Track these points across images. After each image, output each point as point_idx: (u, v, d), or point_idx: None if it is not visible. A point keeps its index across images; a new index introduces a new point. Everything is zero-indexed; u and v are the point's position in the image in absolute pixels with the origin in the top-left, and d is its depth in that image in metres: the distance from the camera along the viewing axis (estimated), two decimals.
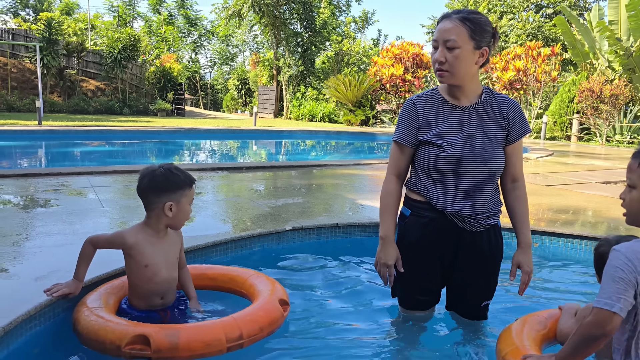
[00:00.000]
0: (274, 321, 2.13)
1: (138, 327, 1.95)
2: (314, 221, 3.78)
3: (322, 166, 7.40)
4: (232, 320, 2.02)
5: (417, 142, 2.13)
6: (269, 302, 2.19)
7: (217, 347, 1.93)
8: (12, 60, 22.46)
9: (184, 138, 14.62)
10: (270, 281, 2.44)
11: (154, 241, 2.25)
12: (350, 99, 22.10)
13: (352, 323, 2.49)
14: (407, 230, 2.19)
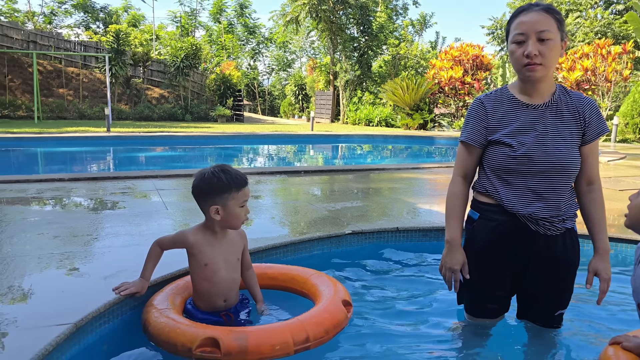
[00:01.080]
0: (338, 323, 2.10)
1: (208, 329, 1.97)
2: (373, 225, 3.73)
3: (380, 170, 7.32)
4: (299, 323, 2.00)
5: (485, 142, 2.04)
6: (333, 304, 2.17)
7: (284, 350, 1.92)
8: (83, 70, 23.72)
9: (243, 143, 14.91)
10: (332, 281, 2.41)
11: (213, 241, 2.28)
12: (407, 103, 21.83)
13: (414, 328, 2.43)
14: (475, 234, 2.11)
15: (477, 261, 2.10)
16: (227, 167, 2.27)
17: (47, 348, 1.78)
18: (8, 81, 21.65)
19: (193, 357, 1.92)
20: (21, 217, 3.80)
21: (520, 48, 1.90)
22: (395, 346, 2.23)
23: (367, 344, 2.25)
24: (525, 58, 1.88)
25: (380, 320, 2.48)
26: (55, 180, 5.59)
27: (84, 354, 2.01)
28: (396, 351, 2.19)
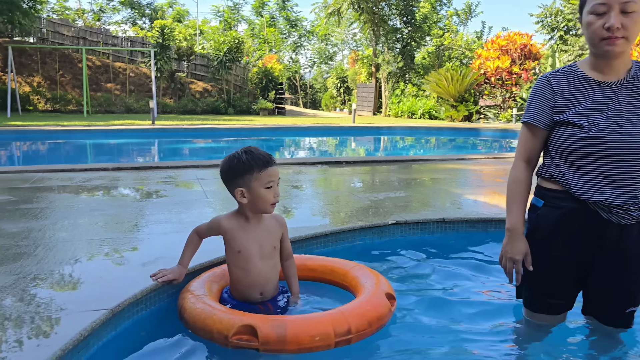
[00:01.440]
0: (381, 316, 1.99)
1: (245, 317, 1.90)
2: (418, 215, 3.58)
3: (423, 161, 7.12)
4: (340, 314, 1.90)
5: (551, 123, 1.87)
6: (377, 296, 2.05)
7: (325, 341, 1.82)
8: (130, 65, 24.30)
9: (284, 135, 14.91)
10: (374, 274, 2.29)
11: (247, 227, 2.20)
12: (452, 94, 21.33)
13: (462, 325, 2.27)
14: (539, 222, 1.94)
15: (540, 252, 1.93)
16: (251, 148, 2.17)
17: (82, 333, 1.74)
18: (59, 76, 22.41)
19: (229, 345, 1.85)
20: (66, 205, 3.85)
21: (599, 20, 1.71)
22: (441, 343, 2.09)
23: (411, 339, 2.12)
24: (606, 31, 1.70)
25: (425, 316, 2.34)
26: (99, 169, 5.68)
27: (120, 340, 1.97)
28: (442, 349, 2.05)
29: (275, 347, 1.81)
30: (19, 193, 4.31)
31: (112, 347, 1.92)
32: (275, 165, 2.17)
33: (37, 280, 2.22)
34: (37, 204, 3.86)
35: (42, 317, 1.87)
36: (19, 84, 20.66)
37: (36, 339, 1.70)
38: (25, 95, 20.55)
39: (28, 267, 2.38)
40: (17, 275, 2.28)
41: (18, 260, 2.48)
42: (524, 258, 1.94)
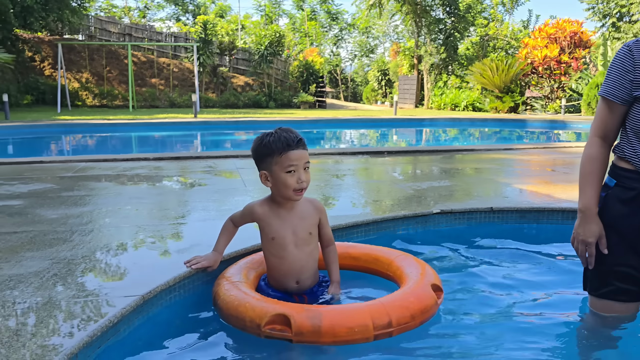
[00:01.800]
0: (426, 309, 1.84)
1: (279, 305, 1.79)
2: (464, 204, 3.39)
3: (468, 151, 6.86)
4: (381, 305, 1.77)
5: (630, 98, 1.69)
6: (421, 287, 1.90)
7: (363, 334, 1.70)
8: (174, 60, 24.71)
9: (324, 127, 14.80)
10: (420, 264, 2.14)
11: (280, 213, 2.08)
12: (497, 85, 20.68)
13: (513, 318, 2.10)
14: (607, 203, 1.78)
15: (609, 234, 1.77)
16: (280, 129, 2.05)
17: (111, 320, 1.67)
18: (106, 73, 23.01)
19: (262, 334, 1.75)
20: (105, 193, 3.85)
21: None
22: (490, 339, 1.92)
23: (457, 335, 1.96)
24: None
25: (473, 310, 2.18)
26: (141, 159, 5.71)
27: (152, 327, 1.90)
28: (491, 345, 1.88)
29: (310, 339, 1.70)
30: (61, 181, 4.36)
31: (143, 334, 1.85)
32: (299, 149, 2.00)
33: (70, 265, 2.19)
34: (78, 191, 3.88)
35: (72, 302, 1.81)
36: (69, 80, 21.32)
37: (64, 325, 1.64)
38: (74, 91, 21.20)
39: (63, 253, 2.35)
40: (51, 260, 2.25)
41: (54, 246, 2.46)
42: (598, 241, 1.79)
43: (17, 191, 3.89)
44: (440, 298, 1.98)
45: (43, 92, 20.42)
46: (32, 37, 22.19)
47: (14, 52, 18.42)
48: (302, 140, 2.03)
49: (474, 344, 1.88)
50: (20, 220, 2.98)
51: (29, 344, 1.51)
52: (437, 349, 1.85)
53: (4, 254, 2.34)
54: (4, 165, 5.32)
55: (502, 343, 1.89)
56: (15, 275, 2.06)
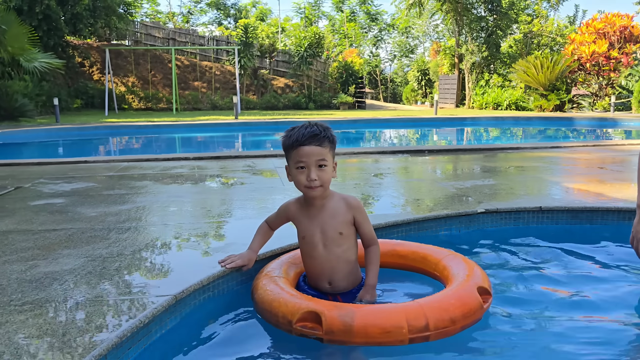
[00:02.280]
0: (469, 313, 1.71)
1: (312, 302, 1.71)
2: (510, 204, 3.22)
3: (512, 149, 6.61)
4: (418, 307, 1.66)
5: None
6: (465, 289, 1.78)
7: (396, 336, 1.59)
8: (215, 64, 25.09)
9: (363, 127, 14.68)
10: (469, 264, 2.01)
11: (310, 211, 2.00)
12: (541, 83, 20.02)
13: (565, 323, 1.95)
14: None
15: None
16: (305, 124, 1.93)
17: (142, 320, 1.63)
18: (151, 76, 23.58)
19: (293, 332, 1.68)
20: (144, 191, 3.87)
21: None
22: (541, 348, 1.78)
23: (503, 342, 1.82)
24: None
25: (522, 316, 2.03)
26: (181, 159, 5.76)
27: (184, 327, 1.85)
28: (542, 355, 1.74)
29: (341, 338, 1.62)
30: (103, 180, 4.42)
31: (175, 335, 1.80)
32: (310, 145, 1.87)
33: (104, 263, 2.17)
34: (118, 190, 3.91)
35: (103, 301, 1.78)
36: (115, 84, 21.95)
37: (93, 324, 1.60)
38: (121, 95, 21.81)
39: (98, 251, 2.34)
40: (86, 257, 2.24)
41: (90, 244, 2.45)
42: None
43: (60, 190, 3.96)
44: (487, 302, 1.84)
45: (92, 96, 21.10)
46: (81, 43, 22.97)
47: (64, 58, 19.12)
48: (317, 137, 1.87)
49: (522, 354, 1.75)
50: (60, 218, 3.01)
51: (57, 343, 1.48)
52: (479, 357, 1.73)
53: (42, 251, 2.35)
54: (51, 165, 5.45)
55: (553, 352, 1.75)
56: (50, 273, 2.05)
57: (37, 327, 1.58)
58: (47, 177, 4.63)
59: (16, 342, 1.48)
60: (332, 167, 1.93)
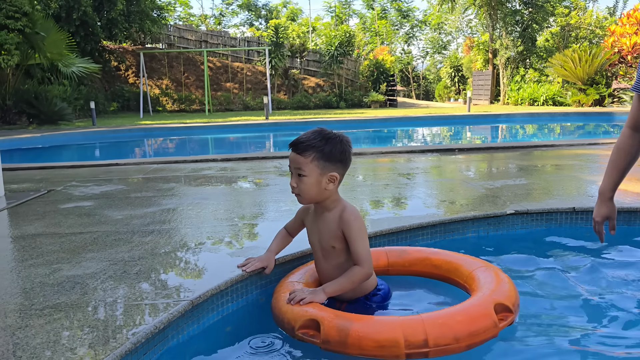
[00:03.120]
0: (478, 331, 1.61)
1: (315, 310, 1.69)
2: (542, 204, 3.10)
3: (547, 147, 6.41)
4: (419, 321, 1.58)
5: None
6: (478, 305, 1.68)
7: (392, 350, 1.54)
8: (247, 65, 25.31)
9: (394, 126, 14.53)
10: (497, 278, 1.89)
11: (314, 218, 1.99)
12: (580, 77, 19.40)
13: (603, 346, 1.81)
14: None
15: None
16: (312, 129, 1.94)
17: (156, 326, 1.62)
18: (184, 78, 23.96)
19: (296, 338, 1.68)
20: (171, 194, 3.90)
21: None
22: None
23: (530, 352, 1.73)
24: None
25: (551, 329, 1.91)
26: (209, 160, 5.80)
27: (203, 333, 1.84)
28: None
29: (336, 348, 1.60)
30: (131, 183, 4.48)
31: (192, 341, 1.79)
32: (292, 152, 1.86)
33: (125, 267, 2.18)
34: (145, 193, 3.95)
35: (120, 306, 1.78)
36: (150, 87, 22.39)
37: (108, 330, 1.60)
38: (155, 97, 22.23)
39: (121, 254, 2.36)
40: (108, 261, 2.26)
41: (114, 247, 2.47)
42: (608, 222, 2.10)
43: (90, 192, 4.03)
44: (506, 320, 1.72)
45: (127, 99, 21.59)
46: (117, 48, 23.51)
47: (101, 62, 19.64)
48: (301, 145, 1.83)
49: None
50: (87, 221, 3.05)
51: (74, 348, 1.48)
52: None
53: (67, 254, 2.38)
54: (83, 168, 5.58)
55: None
56: (72, 277, 2.07)
57: (55, 331, 1.59)
58: (79, 179, 4.73)
59: (34, 346, 1.49)
60: (315, 179, 1.83)
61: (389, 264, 2.24)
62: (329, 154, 1.84)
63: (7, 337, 1.56)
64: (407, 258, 2.24)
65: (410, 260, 2.23)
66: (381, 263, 2.23)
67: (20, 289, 1.97)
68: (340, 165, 1.88)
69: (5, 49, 12.72)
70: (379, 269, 2.21)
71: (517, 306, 1.80)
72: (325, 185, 1.85)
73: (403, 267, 2.23)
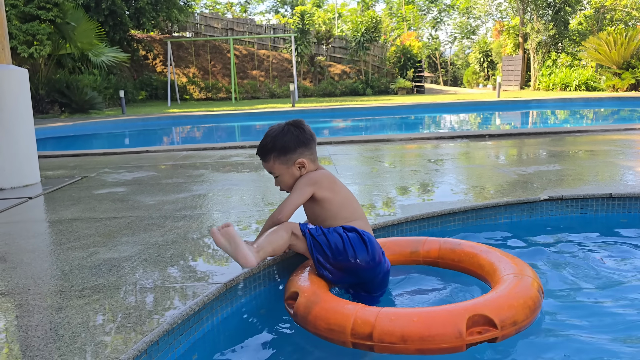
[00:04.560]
0: (432, 338, 1.49)
1: (301, 283, 1.82)
2: (577, 190, 3.03)
3: (581, 132, 6.25)
4: (373, 313, 1.55)
5: None
6: (445, 311, 1.56)
7: (339, 336, 1.56)
8: (273, 52, 25.31)
9: (422, 112, 14.37)
10: (512, 288, 1.68)
11: None
12: (614, 61, 18.82)
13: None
14: None
15: None
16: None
17: (192, 307, 1.64)
18: (211, 67, 24.12)
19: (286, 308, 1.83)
20: (201, 180, 3.94)
21: None
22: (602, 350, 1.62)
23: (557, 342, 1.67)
24: None
25: (582, 313, 1.87)
26: (237, 147, 5.84)
27: (234, 315, 1.86)
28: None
29: (300, 323, 1.71)
30: (162, 169, 4.55)
31: (225, 322, 1.81)
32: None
33: (160, 250, 2.21)
34: (176, 179, 4.01)
35: (156, 289, 1.81)
36: (177, 75, 22.61)
37: (145, 311, 1.63)
38: (182, 86, 22.46)
39: (154, 238, 2.40)
40: (143, 245, 2.30)
41: (147, 231, 2.52)
42: None
43: (122, 179, 4.11)
44: (482, 334, 1.52)
45: (156, 88, 21.86)
46: (145, 37, 23.78)
47: (129, 51, 19.92)
48: (260, 154, 2.04)
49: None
50: (121, 206, 3.11)
51: (111, 328, 1.52)
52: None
53: (103, 238, 2.43)
54: (115, 155, 5.68)
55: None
56: (108, 260, 2.12)
57: (94, 312, 1.63)
58: (111, 166, 4.82)
59: (74, 326, 1.53)
60: (287, 173, 1.99)
61: (439, 256, 2.12)
62: (284, 148, 1.97)
63: (48, 317, 1.61)
64: (459, 252, 2.08)
65: (460, 256, 2.07)
66: (432, 254, 2.13)
67: (60, 271, 2.02)
68: (302, 149, 1.99)
69: (37, 39, 12.99)
70: (429, 259, 2.13)
71: (512, 324, 1.55)
72: (298, 173, 2.00)
73: (453, 261, 2.09)
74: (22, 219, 2.94)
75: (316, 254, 1.84)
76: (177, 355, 1.57)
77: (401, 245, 2.18)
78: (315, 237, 1.86)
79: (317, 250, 1.84)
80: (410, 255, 2.16)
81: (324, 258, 1.84)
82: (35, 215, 3.07)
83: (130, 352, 1.36)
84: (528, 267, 1.84)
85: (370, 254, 1.86)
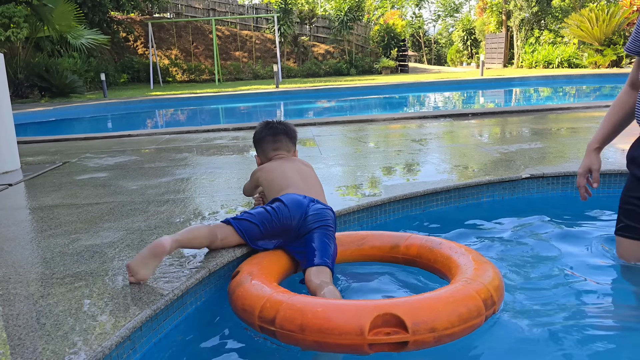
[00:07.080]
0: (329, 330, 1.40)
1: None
2: (558, 168, 3.07)
3: (563, 110, 6.30)
4: (282, 298, 1.52)
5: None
6: (351, 306, 1.47)
7: (249, 317, 1.56)
8: (255, 32, 25.00)
9: (406, 92, 14.35)
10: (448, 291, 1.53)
11: None
12: (596, 37, 18.92)
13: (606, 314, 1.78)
14: (634, 143, 1.97)
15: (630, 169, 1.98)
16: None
17: (175, 293, 1.64)
18: (193, 48, 23.76)
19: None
20: (184, 163, 3.91)
21: None
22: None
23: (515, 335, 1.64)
24: None
25: (564, 300, 1.90)
26: (220, 130, 5.79)
27: (220, 301, 1.86)
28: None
29: (231, 306, 1.73)
30: (144, 153, 4.50)
31: (210, 308, 1.82)
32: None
33: (142, 236, 2.20)
34: (159, 163, 3.97)
35: None
36: (159, 57, 22.25)
37: (129, 297, 1.63)
38: (165, 68, 22.12)
39: (137, 224, 2.38)
40: (126, 230, 2.28)
41: (130, 217, 2.50)
42: (592, 174, 2.06)
43: (104, 164, 4.06)
44: (391, 335, 1.38)
45: (137, 70, 21.51)
46: (125, 18, 23.30)
47: (109, 33, 19.48)
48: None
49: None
50: (103, 191, 3.08)
51: (95, 315, 1.51)
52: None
53: (85, 224, 2.41)
54: (97, 140, 5.61)
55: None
56: (91, 246, 2.10)
57: (77, 299, 1.62)
58: (93, 151, 4.76)
59: (56, 314, 1.52)
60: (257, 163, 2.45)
61: (417, 254, 1.99)
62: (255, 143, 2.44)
63: (30, 305, 1.60)
64: (436, 252, 1.93)
65: (436, 256, 1.92)
66: (412, 251, 2.00)
67: (41, 258, 2.00)
68: (258, 148, 2.42)
69: (14, 22, 12.66)
70: (408, 257, 2.01)
71: (430, 330, 1.38)
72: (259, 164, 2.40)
73: (429, 261, 1.94)
74: (2, 207, 2.90)
75: (245, 234, 1.93)
76: (161, 339, 1.57)
77: (383, 240, 2.08)
78: (238, 218, 1.97)
79: (244, 228, 1.93)
80: (390, 251, 2.05)
81: (255, 230, 1.93)
82: (16, 202, 3.03)
83: (113, 339, 1.36)
84: (490, 274, 1.62)
85: (291, 207, 1.96)
